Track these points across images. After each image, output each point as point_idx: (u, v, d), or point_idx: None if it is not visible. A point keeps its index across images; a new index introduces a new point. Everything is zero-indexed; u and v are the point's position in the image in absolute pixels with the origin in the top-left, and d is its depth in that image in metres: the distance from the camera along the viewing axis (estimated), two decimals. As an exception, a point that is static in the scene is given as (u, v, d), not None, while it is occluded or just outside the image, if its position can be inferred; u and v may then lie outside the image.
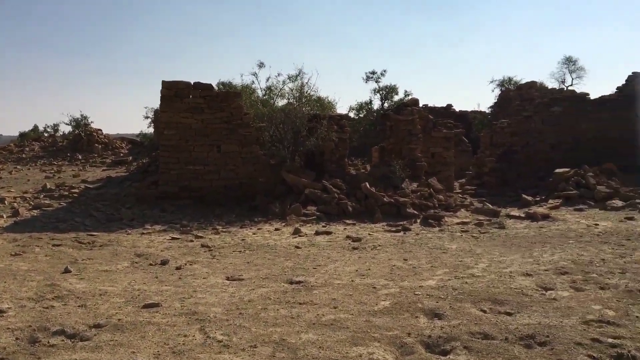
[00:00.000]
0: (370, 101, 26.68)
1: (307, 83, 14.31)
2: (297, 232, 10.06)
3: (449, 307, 5.28)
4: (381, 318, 5.01)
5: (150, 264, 7.63)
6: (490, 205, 12.59)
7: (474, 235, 9.88)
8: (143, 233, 10.10)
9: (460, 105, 52.39)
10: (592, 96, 17.78)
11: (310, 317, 5.05)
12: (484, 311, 5.20)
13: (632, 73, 17.49)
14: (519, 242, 9.05)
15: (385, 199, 11.79)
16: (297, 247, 8.81)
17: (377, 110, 26.26)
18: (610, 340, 4.30)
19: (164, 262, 7.64)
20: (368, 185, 12.11)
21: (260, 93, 15.73)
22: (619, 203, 12.37)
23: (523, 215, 11.52)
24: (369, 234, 10.05)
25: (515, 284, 6.20)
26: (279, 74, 14.59)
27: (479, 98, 59.49)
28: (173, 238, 9.69)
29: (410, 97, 26.95)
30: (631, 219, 10.99)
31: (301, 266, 7.41)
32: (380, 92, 26.69)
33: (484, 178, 16.82)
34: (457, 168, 20.05)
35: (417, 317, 5.04)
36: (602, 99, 17.64)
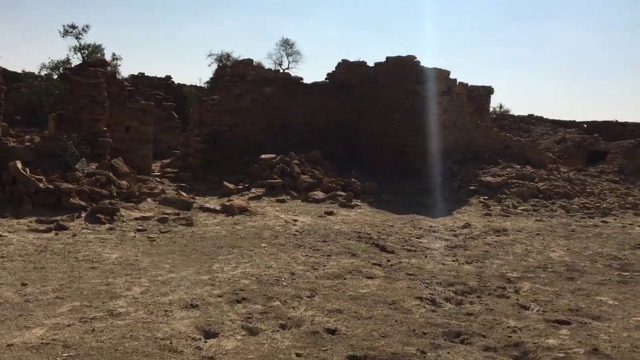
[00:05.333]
0: (68, 60, 22.30)
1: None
2: None
3: (26, 400, 3.01)
4: None
5: None
6: (184, 194, 10.62)
7: (151, 236, 7.75)
8: None
9: (184, 79, 49.92)
10: (307, 82, 17.29)
11: None
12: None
13: (342, 60, 17.46)
14: (204, 247, 7.23)
15: (41, 185, 8.85)
16: None
17: (77, 73, 22.10)
18: None
19: None
20: (20, 165, 8.98)
21: None
22: (320, 195, 11.64)
23: (219, 208, 9.84)
24: (0, 236, 7.11)
25: (167, 327, 4.24)
26: None
27: (201, 73, 57.45)
28: None
29: (118, 60, 23.64)
30: (330, 213, 10.21)
31: None
32: (82, 51, 22.55)
33: (189, 160, 14.87)
34: (165, 147, 17.85)
35: None
36: (314, 84, 17.25)
